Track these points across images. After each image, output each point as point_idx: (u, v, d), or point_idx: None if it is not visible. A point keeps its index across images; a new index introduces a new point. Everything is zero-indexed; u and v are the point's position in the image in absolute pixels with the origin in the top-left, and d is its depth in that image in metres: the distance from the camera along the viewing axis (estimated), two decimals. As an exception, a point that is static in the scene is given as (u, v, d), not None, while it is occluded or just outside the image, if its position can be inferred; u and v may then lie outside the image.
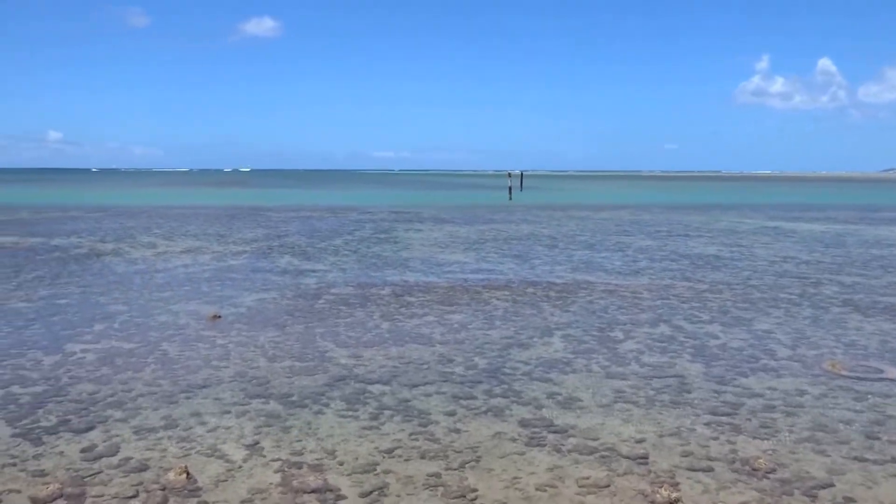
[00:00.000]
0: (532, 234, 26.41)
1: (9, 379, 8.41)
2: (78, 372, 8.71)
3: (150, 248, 21.11)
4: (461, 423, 7.09)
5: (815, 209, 44.81)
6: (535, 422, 7.15)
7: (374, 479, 5.84)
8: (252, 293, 13.92)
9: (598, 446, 6.53)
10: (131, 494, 5.54)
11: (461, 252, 20.65)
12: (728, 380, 8.54)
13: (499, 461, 6.21)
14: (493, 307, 12.68)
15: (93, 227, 28.06)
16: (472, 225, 30.28)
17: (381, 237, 24.83)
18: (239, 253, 20.09)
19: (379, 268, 17.43)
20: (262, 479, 5.85)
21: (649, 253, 20.65)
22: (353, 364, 9.13)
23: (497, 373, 8.79)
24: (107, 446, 6.48)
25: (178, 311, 12.17)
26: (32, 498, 5.48)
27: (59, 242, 22.60)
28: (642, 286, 14.91)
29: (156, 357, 9.38)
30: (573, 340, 10.38)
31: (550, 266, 17.83)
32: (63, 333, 10.63)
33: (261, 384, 8.30)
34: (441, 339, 10.44)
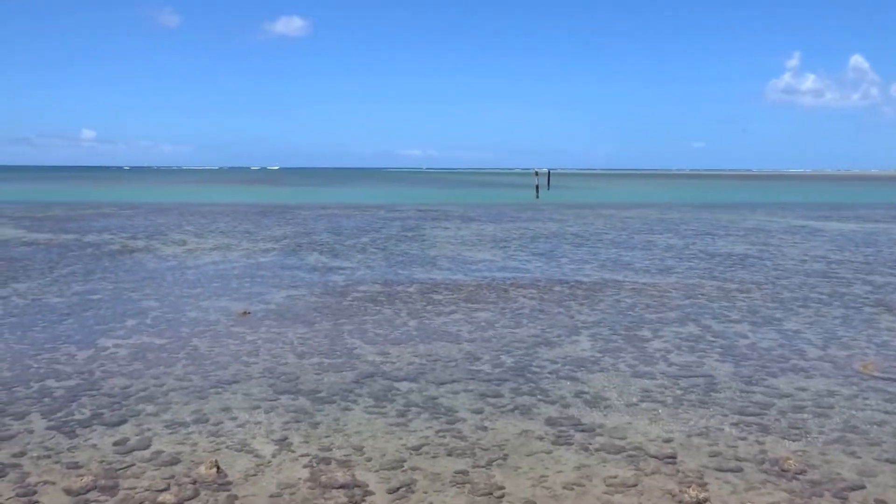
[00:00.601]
0: (559, 232, 26.33)
1: (44, 373, 8.59)
2: (111, 366, 8.87)
3: (180, 245, 21.38)
4: (488, 421, 7.11)
5: (845, 208, 44.09)
6: (563, 420, 7.14)
7: (402, 476, 5.88)
8: (281, 290, 14.05)
9: (625, 445, 6.51)
10: (163, 487, 5.63)
11: (488, 250, 20.65)
12: (757, 380, 8.45)
13: (526, 459, 6.22)
14: (520, 305, 12.67)
15: (124, 224, 28.49)
16: (499, 223, 30.26)
17: (408, 235, 24.90)
18: (268, 250, 20.28)
19: (406, 265, 17.49)
20: (290, 474, 5.91)
21: (677, 251, 20.48)
22: (380, 361, 9.18)
23: (524, 371, 8.79)
24: (139, 440, 6.59)
25: (209, 308, 12.33)
26: (67, 489, 5.59)
27: (92, 239, 22.98)
28: (670, 285, 14.80)
29: (186, 352, 9.52)
30: (600, 339, 10.34)
31: (577, 264, 17.77)
32: (96, 328, 10.82)
33: (289, 380, 8.39)
34: (468, 336, 10.47)
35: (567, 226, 29.11)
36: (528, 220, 31.76)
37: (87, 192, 64.47)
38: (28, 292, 13.61)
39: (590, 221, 31.52)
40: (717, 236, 25.13)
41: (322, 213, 35.49)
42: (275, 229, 26.72)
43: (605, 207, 42.59)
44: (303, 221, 30.52)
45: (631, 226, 29.29)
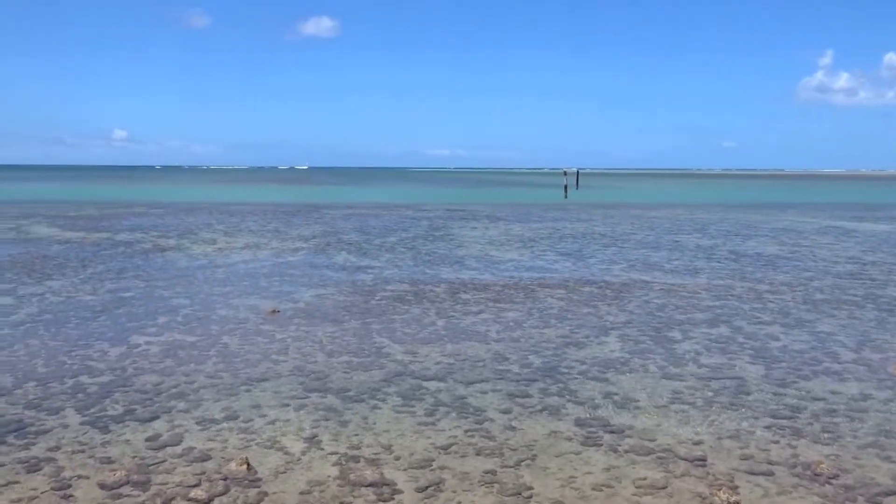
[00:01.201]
0: (587, 232, 26.18)
1: (77, 369, 8.73)
2: (143, 363, 9.00)
3: (210, 244, 21.61)
4: (517, 421, 7.10)
5: (879, 208, 43.30)
6: (591, 421, 7.10)
7: (430, 475, 5.89)
8: (309, 289, 14.14)
9: (654, 447, 6.45)
10: (194, 483, 5.70)
11: (516, 250, 20.60)
12: (789, 382, 8.34)
13: (555, 460, 6.19)
14: (549, 305, 12.62)
15: (155, 223, 28.87)
16: (527, 223, 30.17)
17: (436, 235, 24.93)
18: (296, 249, 20.42)
19: (434, 265, 17.51)
20: (320, 471, 5.95)
21: (707, 252, 20.26)
22: (409, 360, 9.20)
23: (553, 371, 8.76)
24: (170, 436, 6.68)
25: (238, 306, 12.45)
26: (101, 483, 5.68)
27: (124, 237, 23.32)
28: (700, 286, 14.65)
29: (217, 350, 9.62)
30: (629, 340, 10.27)
31: (606, 265, 17.66)
32: (128, 326, 10.97)
33: (318, 378, 8.44)
34: (496, 336, 10.45)
35: (595, 226, 28.95)
36: (557, 220, 31.64)
37: (118, 191, 65.48)
38: (62, 290, 13.85)
39: (618, 221, 31.31)
40: (747, 237, 24.82)
41: (350, 213, 35.65)
42: (303, 228, 26.90)
43: (634, 207, 42.26)
44: (331, 221, 30.69)
45: (660, 226, 29.04)
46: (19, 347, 9.66)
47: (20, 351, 9.49)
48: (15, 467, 5.98)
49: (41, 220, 29.85)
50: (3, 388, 7.99)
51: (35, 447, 6.40)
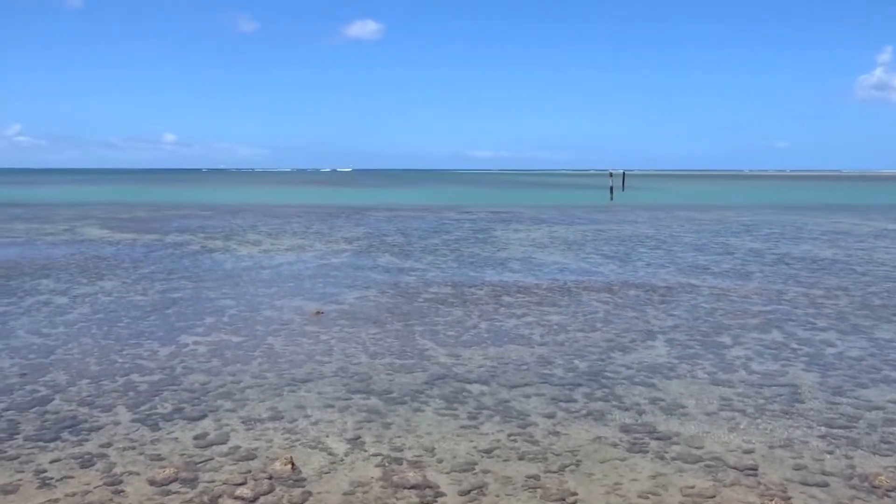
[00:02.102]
0: (634, 235, 25.84)
1: (129, 368, 8.91)
2: (191, 363, 9.14)
3: (256, 246, 21.91)
4: (561, 426, 7.01)
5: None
6: (637, 427, 6.98)
7: (473, 478, 5.85)
8: (353, 290, 14.22)
9: (703, 455, 6.31)
10: (240, 482, 5.76)
11: (560, 253, 20.43)
12: (845, 390, 8.08)
13: (599, 466, 6.10)
14: (594, 309, 12.47)
15: (203, 225, 29.40)
16: (572, 225, 29.92)
17: (479, 237, 24.88)
18: (340, 251, 20.58)
19: (477, 267, 17.46)
20: (363, 472, 5.96)
21: (759, 256, 19.80)
22: (451, 363, 9.18)
23: (598, 376, 8.64)
24: (217, 434, 6.76)
25: (283, 307, 12.58)
26: (150, 480, 5.78)
27: (173, 239, 23.79)
28: (752, 290, 14.32)
29: (262, 350, 9.72)
30: (677, 345, 10.08)
31: (654, 268, 17.39)
32: (177, 326, 11.17)
33: (362, 380, 8.47)
34: (540, 340, 10.36)
35: (642, 228, 28.55)
36: (602, 223, 31.30)
37: (167, 193, 66.88)
38: (114, 290, 14.17)
39: (666, 224, 30.81)
40: (800, 240, 24.20)
41: (393, 215, 35.81)
42: (347, 230, 27.11)
43: (683, 209, 41.54)
44: (374, 223, 30.87)
45: (709, 228, 28.50)
46: (73, 346, 9.91)
47: (74, 349, 9.73)
48: (69, 462, 6.12)
49: (93, 222, 30.65)
50: (59, 385, 8.20)
51: (88, 443, 6.54)
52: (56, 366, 8.96)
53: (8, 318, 11.66)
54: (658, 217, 35.03)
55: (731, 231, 27.47)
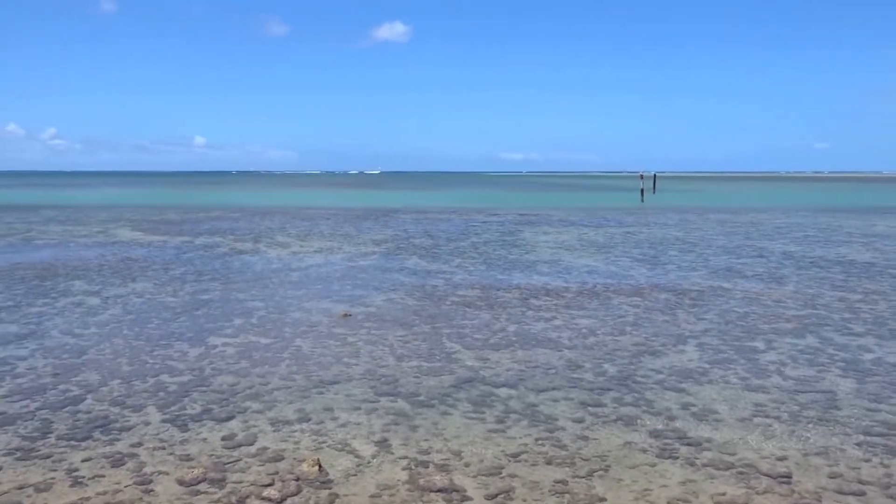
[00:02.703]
0: (665, 237, 25.55)
1: (159, 368, 9.00)
2: (219, 364, 9.20)
3: (284, 248, 22.06)
4: (589, 431, 6.93)
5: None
6: (668, 433, 6.87)
7: (500, 483, 5.80)
8: (381, 293, 14.24)
9: (735, 462, 6.19)
10: (267, 483, 5.77)
11: (590, 256, 20.27)
12: (884, 397, 7.88)
13: (628, 471, 6.01)
14: (624, 312, 12.34)
15: (232, 227, 29.68)
16: (602, 228, 29.68)
17: (507, 239, 24.79)
18: (368, 253, 20.62)
19: (505, 270, 17.39)
20: (390, 475, 5.94)
21: (795, 259, 19.45)
22: (479, 366, 9.13)
23: (627, 380, 8.53)
24: (245, 436, 6.79)
25: (311, 309, 12.62)
26: (179, 480, 5.82)
27: (203, 241, 24.04)
28: (786, 294, 14.06)
29: (290, 352, 9.76)
30: (709, 349, 9.93)
31: (685, 272, 17.17)
32: (206, 327, 11.26)
33: (389, 382, 8.46)
34: (569, 343, 10.27)
35: (673, 231, 28.22)
36: (632, 225, 31.01)
37: (197, 195, 67.65)
38: (145, 292, 14.34)
39: (699, 226, 30.42)
40: (838, 243, 23.74)
41: (422, 217, 35.84)
42: (375, 233, 27.17)
43: (715, 212, 40.98)
44: (402, 225, 30.92)
45: (743, 231, 28.07)
46: (105, 346, 10.03)
47: (106, 350, 9.85)
48: (101, 461, 6.19)
49: (126, 224, 31.11)
50: (91, 385, 8.30)
51: (119, 443, 6.61)
52: (88, 366, 9.08)
53: (42, 318, 11.85)
54: (690, 219, 34.61)
55: (764, 234, 27.04)
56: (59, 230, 28.26)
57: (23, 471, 6.02)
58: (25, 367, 9.06)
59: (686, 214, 38.65)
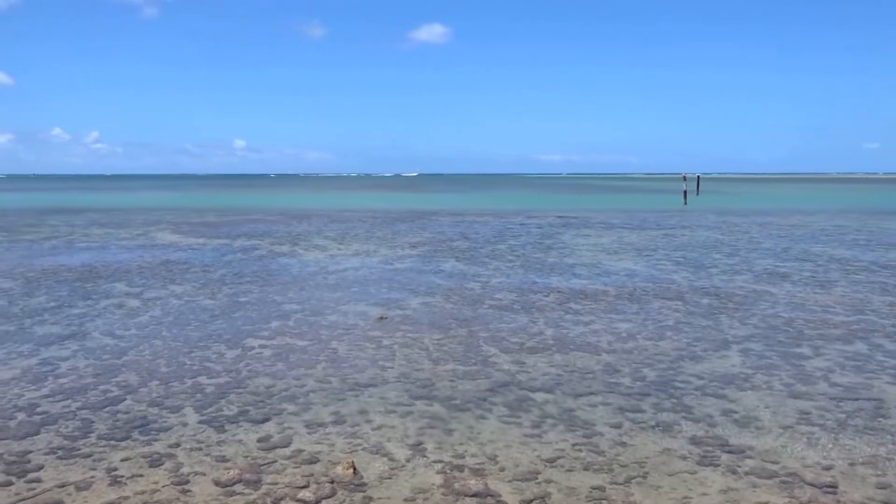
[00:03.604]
0: (709, 240, 25.11)
1: (197, 370, 9.09)
2: (256, 366, 9.26)
3: (321, 251, 22.19)
4: (627, 437, 6.80)
5: None
6: (708, 440, 6.71)
7: (536, 488, 5.71)
8: (417, 296, 14.22)
9: (778, 470, 6.01)
10: (302, 485, 5.77)
11: (631, 259, 20.01)
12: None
13: (667, 479, 5.88)
14: (665, 317, 12.12)
15: (270, 230, 29.98)
16: (643, 230, 29.28)
17: (546, 242, 24.61)
18: (404, 256, 20.64)
19: (543, 273, 17.25)
20: (424, 479, 5.89)
21: (844, 263, 18.93)
22: (516, 370, 9.04)
23: (667, 386, 8.37)
24: (281, 438, 6.81)
25: (347, 312, 12.65)
26: (216, 481, 5.85)
27: (241, 244, 24.32)
28: (834, 299, 13.68)
29: (326, 355, 9.78)
30: (752, 355, 9.69)
31: (729, 275, 16.83)
32: (243, 329, 11.35)
33: (424, 386, 8.41)
34: (608, 348, 10.12)
35: (717, 233, 27.72)
36: (675, 228, 30.54)
37: (236, 198, 68.60)
38: (184, 294, 14.54)
39: (743, 229, 29.80)
40: (889, 247, 23.05)
41: (459, 220, 35.79)
42: (412, 236, 27.20)
43: (761, 214, 40.14)
44: (439, 227, 30.90)
45: (789, 234, 27.44)
46: (144, 348, 10.18)
47: (145, 351, 9.99)
48: (139, 461, 6.25)
49: (166, 227, 31.64)
50: (130, 385, 8.42)
51: (157, 443, 6.67)
52: (128, 367, 9.21)
53: (84, 319, 12.08)
54: (734, 222, 33.97)
55: (812, 237, 26.40)
56: (101, 233, 28.86)
57: (64, 469, 6.11)
58: (67, 367, 9.23)
59: (730, 217, 37.95)
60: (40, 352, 9.97)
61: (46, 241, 25.26)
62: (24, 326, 11.56)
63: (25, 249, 22.73)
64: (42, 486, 5.79)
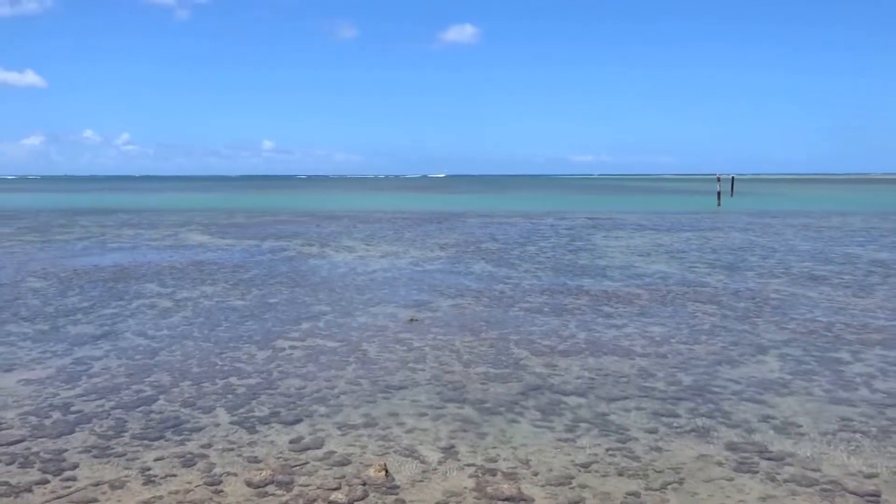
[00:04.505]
0: (744, 242, 24.72)
1: (228, 370, 9.12)
2: (287, 367, 9.27)
3: (350, 252, 22.24)
4: (663, 442, 6.67)
5: None
6: (746, 446, 6.56)
7: (570, 493, 5.62)
8: (447, 298, 14.16)
9: (819, 478, 5.85)
10: (334, 486, 5.74)
11: (664, 261, 19.76)
12: (983, 414, 7.35)
13: (704, 485, 5.75)
14: (699, 321, 11.93)
15: (299, 231, 30.14)
16: (676, 232, 28.93)
17: (577, 244, 24.41)
18: (434, 258, 20.59)
19: (575, 276, 17.09)
20: (456, 482, 5.83)
21: (884, 266, 18.48)
22: (548, 373, 8.94)
23: (703, 391, 8.21)
24: (312, 439, 6.79)
25: (377, 314, 12.64)
26: (248, 481, 5.84)
27: (270, 245, 24.46)
28: (875, 303, 13.35)
29: (357, 357, 9.76)
30: (790, 360, 9.48)
31: (765, 278, 16.53)
32: (274, 330, 11.38)
33: (456, 388, 8.35)
34: (641, 351, 9.97)
35: (752, 235, 27.28)
36: (709, 229, 30.12)
37: (265, 199, 69.17)
38: (214, 295, 14.63)
39: (779, 231, 29.28)
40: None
41: (488, 221, 35.67)
42: (440, 237, 27.15)
43: (798, 215, 39.42)
44: (469, 229, 30.81)
45: (828, 236, 26.89)
46: (176, 348, 10.25)
47: (177, 351, 10.06)
48: (172, 461, 6.28)
49: (196, 228, 31.95)
50: (163, 386, 8.47)
51: (190, 443, 6.70)
52: (160, 367, 9.27)
53: (116, 319, 12.21)
54: (770, 223, 33.41)
55: (851, 239, 25.83)
56: (132, 233, 29.24)
57: (98, 468, 6.15)
58: (100, 366, 9.32)
59: (766, 218, 37.33)
60: (74, 351, 10.09)
61: (79, 242, 25.66)
62: (57, 326, 11.71)
63: (58, 250, 23.10)
64: (77, 484, 5.83)
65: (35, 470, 6.12)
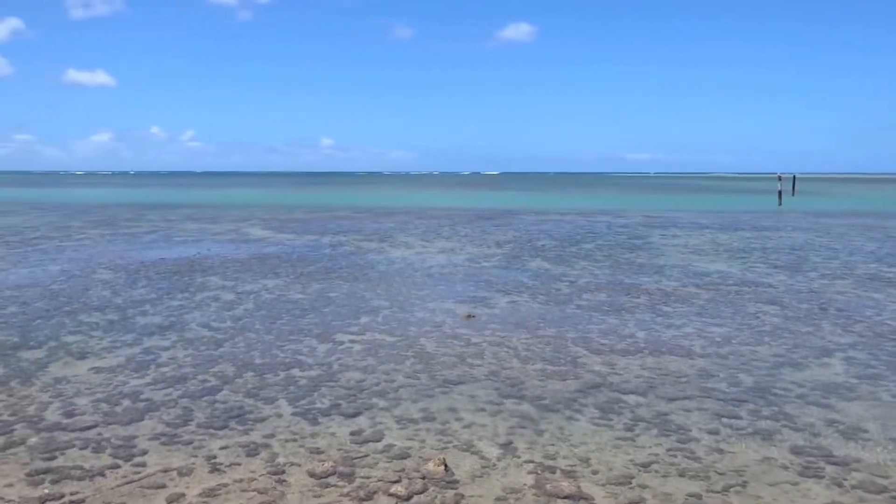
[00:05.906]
0: (806, 243, 24.07)
1: (289, 362, 9.31)
2: (346, 360, 9.42)
3: (408, 248, 22.39)
4: (724, 444, 6.58)
5: None
6: (811, 450, 6.43)
7: (630, 493, 5.59)
8: (504, 295, 14.16)
9: (888, 485, 5.70)
10: (394, 479, 5.82)
11: (724, 261, 19.38)
12: None
13: (768, 489, 5.65)
14: (761, 322, 11.68)
15: (357, 227, 30.46)
16: (736, 232, 28.31)
17: (634, 243, 24.11)
18: (490, 255, 20.59)
19: (632, 274, 16.90)
20: (515, 479, 5.85)
21: (951, 268, 17.82)
22: (606, 372, 8.88)
23: (765, 393, 8.05)
24: (372, 432, 6.89)
25: (435, 309, 12.72)
26: (310, 472, 5.97)
27: (329, 240, 24.79)
28: (943, 306, 12.88)
29: (415, 351, 9.85)
30: (857, 363, 9.22)
31: (829, 280, 16.08)
32: (333, 324, 11.56)
33: (513, 385, 8.37)
34: (701, 352, 9.82)
35: (815, 236, 26.54)
36: (770, 229, 29.40)
37: (323, 196, 70.00)
38: (275, 288, 14.92)
39: (843, 232, 28.43)
40: None
41: (544, 219, 35.47)
42: (497, 234, 27.12)
43: (862, 216, 38.18)
44: (525, 227, 30.69)
45: (894, 237, 26.01)
46: (239, 340, 10.50)
47: (240, 343, 10.31)
48: (237, 450, 6.45)
49: (257, 223, 32.57)
50: (227, 376, 8.70)
51: (253, 433, 6.87)
52: (224, 358, 9.52)
53: (182, 311, 12.56)
54: (833, 224, 32.44)
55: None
56: (196, 227, 29.98)
57: (167, 454, 6.36)
58: (167, 356, 9.61)
59: (829, 219, 36.26)
60: (143, 341, 10.42)
61: (146, 235, 26.43)
62: (127, 316, 12.11)
63: (126, 243, 23.85)
64: (147, 470, 6.04)
65: (107, 455, 6.36)
